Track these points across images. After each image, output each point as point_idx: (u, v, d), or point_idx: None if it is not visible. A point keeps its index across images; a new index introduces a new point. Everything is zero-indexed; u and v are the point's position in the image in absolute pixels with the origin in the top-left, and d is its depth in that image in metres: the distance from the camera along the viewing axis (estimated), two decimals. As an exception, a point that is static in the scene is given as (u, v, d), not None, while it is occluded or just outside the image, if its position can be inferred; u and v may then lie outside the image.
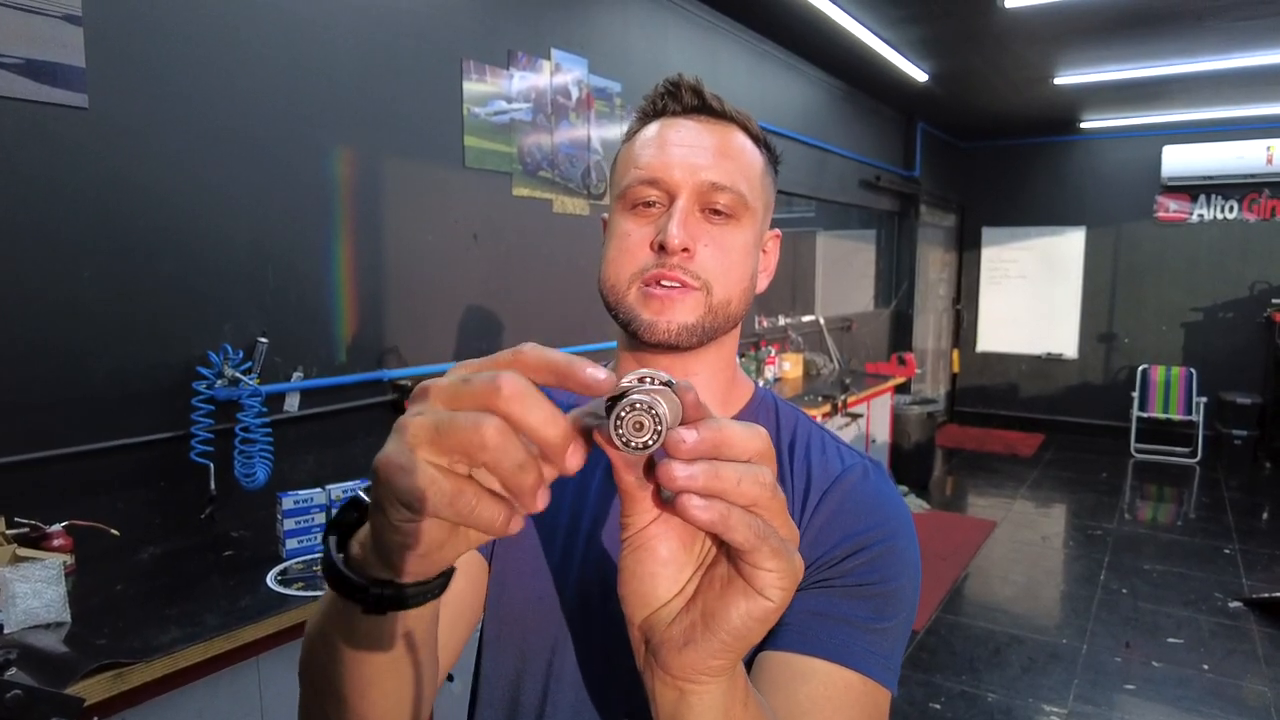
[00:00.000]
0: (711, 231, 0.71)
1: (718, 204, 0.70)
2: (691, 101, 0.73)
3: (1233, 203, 7.03)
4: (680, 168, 0.70)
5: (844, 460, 0.75)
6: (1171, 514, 5.60)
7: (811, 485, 0.72)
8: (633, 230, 0.72)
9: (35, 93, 1.68)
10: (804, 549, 0.66)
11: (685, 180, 0.70)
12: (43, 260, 1.72)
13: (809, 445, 0.76)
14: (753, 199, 0.73)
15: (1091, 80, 5.51)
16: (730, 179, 0.70)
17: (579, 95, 3.19)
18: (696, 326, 0.70)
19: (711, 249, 0.70)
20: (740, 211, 0.71)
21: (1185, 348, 7.34)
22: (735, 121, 0.74)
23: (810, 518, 0.70)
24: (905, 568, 0.69)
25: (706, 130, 0.72)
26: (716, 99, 0.74)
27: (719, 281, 0.71)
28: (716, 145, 0.71)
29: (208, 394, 1.95)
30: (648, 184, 0.71)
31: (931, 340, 8.02)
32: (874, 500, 0.71)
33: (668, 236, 0.68)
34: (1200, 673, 3.24)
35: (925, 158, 7.18)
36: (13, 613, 1.43)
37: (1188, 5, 4.00)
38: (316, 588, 1.67)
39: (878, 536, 0.68)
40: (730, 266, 0.71)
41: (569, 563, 0.73)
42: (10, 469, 1.68)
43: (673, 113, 0.74)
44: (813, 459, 0.74)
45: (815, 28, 4.31)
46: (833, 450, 0.76)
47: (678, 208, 0.69)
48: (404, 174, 2.52)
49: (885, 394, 5.08)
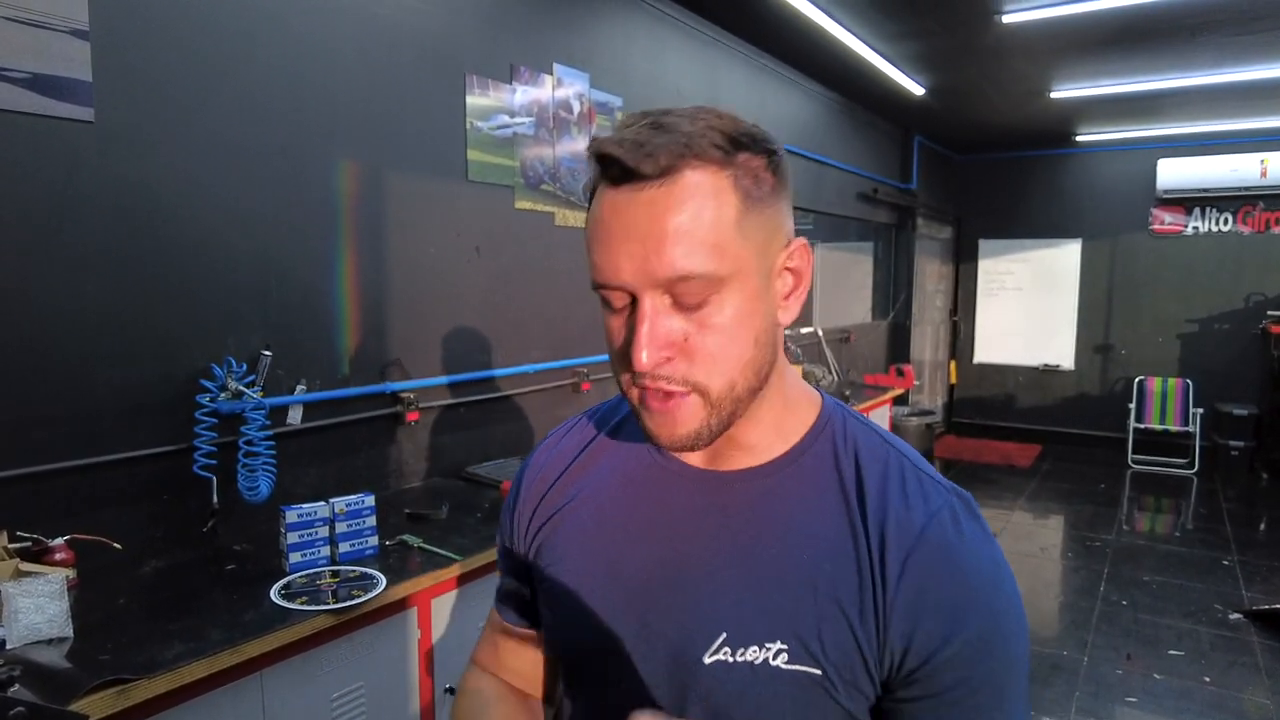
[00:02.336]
0: (688, 324, 0.61)
1: (685, 298, 0.60)
2: (621, 170, 0.59)
3: (1227, 215, 7.08)
4: (628, 268, 0.59)
5: (928, 504, 0.65)
6: (1170, 525, 5.61)
7: (888, 547, 0.63)
8: (613, 327, 0.64)
9: (42, 106, 1.68)
10: (894, 625, 0.62)
11: (640, 282, 0.60)
12: (47, 273, 1.72)
13: (884, 488, 0.66)
14: (731, 264, 0.60)
15: (1087, 94, 5.55)
16: (688, 262, 0.58)
17: (581, 109, 3.21)
18: (701, 432, 0.63)
19: (696, 339, 0.61)
20: (715, 288, 0.60)
21: (1182, 359, 7.37)
22: (682, 166, 0.59)
23: (896, 588, 0.63)
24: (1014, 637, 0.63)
25: (649, 205, 0.59)
26: (647, 155, 0.58)
27: (713, 373, 0.62)
28: (660, 225, 0.58)
29: (211, 407, 1.94)
30: (608, 289, 0.62)
31: (929, 352, 8.03)
32: (971, 565, 0.63)
33: (634, 356, 0.60)
34: (1201, 685, 3.24)
35: (922, 171, 7.22)
36: (15, 628, 1.42)
37: (1183, 21, 4.04)
38: (319, 601, 1.66)
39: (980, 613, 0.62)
40: (721, 352, 0.61)
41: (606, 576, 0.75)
42: (12, 483, 1.67)
43: (612, 179, 0.61)
44: (889, 509, 0.65)
45: (813, 42, 4.34)
46: (914, 488, 0.66)
47: (641, 317, 0.60)
48: (407, 187, 2.52)
49: (884, 405, 5.09)
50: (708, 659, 0.65)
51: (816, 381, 5.13)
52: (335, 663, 1.70)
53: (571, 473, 0.80)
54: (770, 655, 0.64)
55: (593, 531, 0.75)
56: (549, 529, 0.79)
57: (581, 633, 0.74)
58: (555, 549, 0.78)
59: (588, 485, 0.78)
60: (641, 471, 0.75)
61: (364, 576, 1.81)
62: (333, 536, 1.91)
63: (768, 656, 0.64)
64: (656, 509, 0.72)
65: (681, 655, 0.67)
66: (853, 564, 0.64)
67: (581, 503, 0.77)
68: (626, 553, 0.72)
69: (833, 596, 0.64)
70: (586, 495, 0.77)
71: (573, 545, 0.76)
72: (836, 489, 0.68)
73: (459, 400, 2.75)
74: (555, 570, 0.77)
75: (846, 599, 0.64)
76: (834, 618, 0.64)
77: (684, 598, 0.68)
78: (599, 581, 0.73)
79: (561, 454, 0.83)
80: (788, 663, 0.64)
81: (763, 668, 0.64)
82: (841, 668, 0.63)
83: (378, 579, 1.79)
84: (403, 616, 1.82)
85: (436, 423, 2.68)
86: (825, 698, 0.64)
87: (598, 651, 0.72)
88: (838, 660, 0.63)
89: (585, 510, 0.76)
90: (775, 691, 0.64)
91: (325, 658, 1.67)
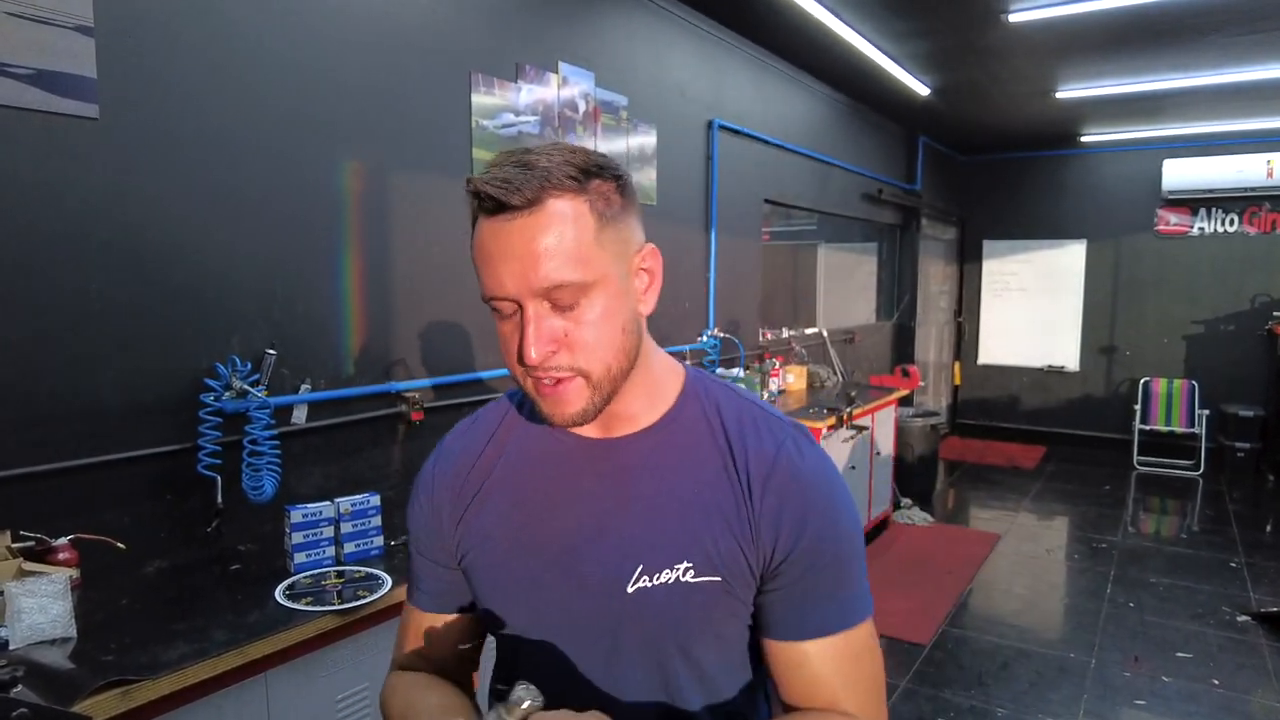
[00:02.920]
0: (566, 321, 0.73)
1: (560, 301, 0.72)
2: (493, 204, 0.71)
3: (1233, 216, 7.06)
4: (513, 283, 0.72)
5: (775, 437, 0.82)
6: (1176, 527, 5.58)
7: (752, 474, 0.80)
8: (504, 332, 0.76)
9: (46, 103, 1.67)
10: (763, 532, 0.80)
11: (521, 292, 0.72)
12: (50, 271, 1.71)
13: (742, 429, 0.83)
14: (591, 272, 0.72)
15: (1093, 94, 5.53)
16: (559, 274, 0.71)
17: (586, 108, 3.20)
18: (589, 408, 0.77)
19: (575, 334, 0.74)
20: (584, 292, 0.73)
21: (1187, 360, 7.34)
22: (544, 197, 0.71)
23: (760, 506, 0.79)
24: (846, 521, 0.82)
25: (521, 230, 0.71)
26: (514, 189, 0.70)
27: (592, 360, 0.75)
28: (532, 247, 0.70)
29: (215, 406, 1.93)
30: (498, 300, 0.74)
31: (933, 353, 8.02)
32: (811, 480, 0.81)
33: (525, 353, 0.72)
34: (1210, 688, 3.22)
35: (926, 171, 7.21)
36: (18, 628, 1.41)
37: (1188, 20, 4.02)
38: (324, 602, 1.65)
39: (819, 510, 0.80)
40: (596, 341, 0.74)
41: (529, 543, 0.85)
42: (16, 482, 1.66)
43: (488, 210, 0.72)
44: (748, 445, 0.82)
45: (819, 42, 4.33)
46: (764, 427, 0.83)
47: (527, 321, 0.72)
48: (412, 186, 2.51)
49: (889, 406, 5.07)
50: (630, 588, 0.80)
51: (821, 382, 5.12)
52: (340, 664, 1.68)
53: (485, 459, 0.90)
54: (680, 573, 0.79)
55: (510, 510, 0.86)
56: (471, 513, 0.88)
57: (516, 604, 0.85)
58: (480, 531, 0.87)
59: (499, 468, 0.88)
60: (544, 449, 0.87)
61: (369, 577, 1.80)
62: (338, 537, 1.90)
63: (679, 575, 0.79)
64: (563, 479, 0.84)
65: (609, 592, 0.80)
66: (729, 490, 0.81)
67: (496, 485, 0.88)
68: (546, 522, 0.83)
69: (720, 517, 0.80)
70: (500, 477, 0.88)
71: (495, 526, 0.86)
72: (709, 437, 0.83)
73: (463, 400, 2.74)
74: (482, 551, 0.87)
75: (730, 517, 0.80)
76: (722, 534, 0.79)
77: (603, 546, 0.81)
78: (525, 554, 0.84)
79: (471, 444, 0.91)
80: (695, 576, 0.79)
81: (676, 585, 0.79)
82: (734, 572, 0.80)
83: (383, 579, 1.78)
84: (408, 617, 1.81)
85: (441, 422, 2.66)
86: (727, 598, 0.80)
87: (534, 618, 0.84)
88: (730, 566, 0.79)
89: (501, 491, 0.87)
90: (689, 600, 0.79)
91: (330, 659, 1.66)
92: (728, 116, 4.25)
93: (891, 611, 3.91)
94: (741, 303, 4.58)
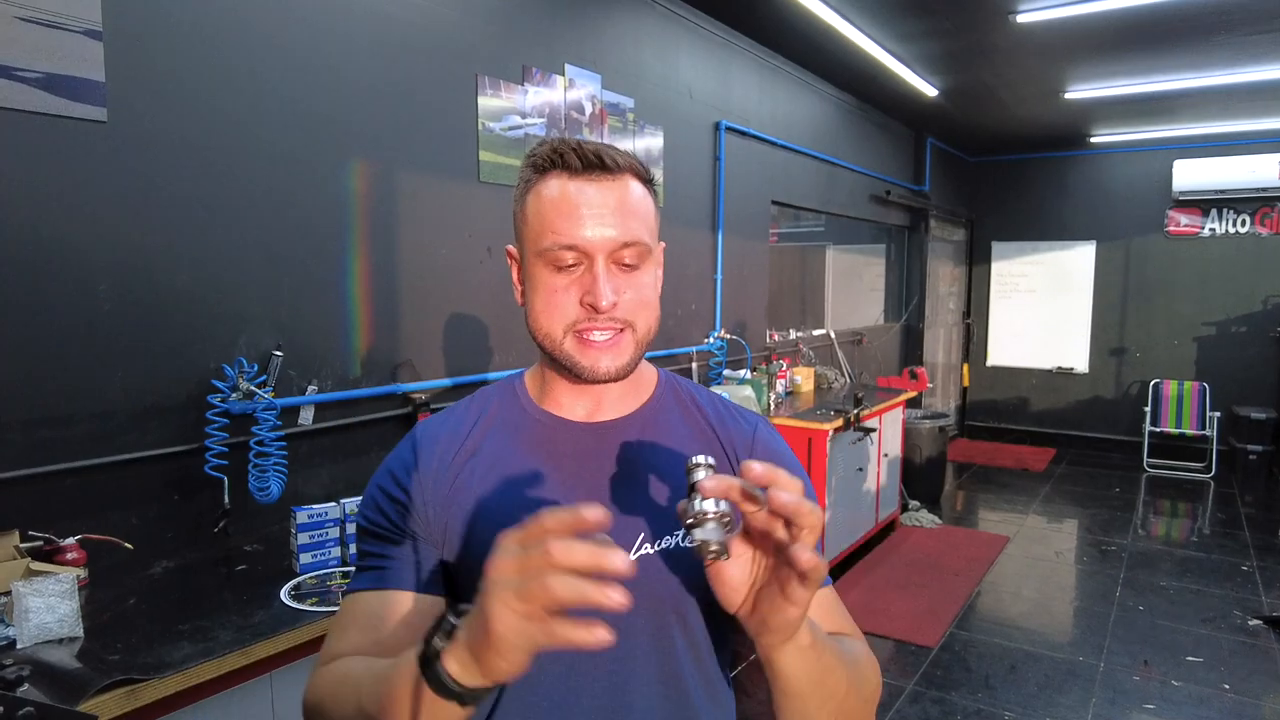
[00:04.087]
0: (628, 280, 0.82)
1: (628, 259, 0.81)
2: (594, 161, 0.80)
3: (1244, 217, 7.00)
4: (594, 232, 0.79)
5: (750, 420, 0.94)
6: (1187, 530, 5.54)
7: (737, 447, 0.91)
8: (558, 286, 0.81)
9: (55, 106, 1.69)
10: None
11: (600, 245, 0.79)
12: (59, 273, 1.72)
13: (719, 414, 0.93)
14: (652, 242, 0.84)
15: (1102, 95, 5.50)
16: (635, 235, 0.80)
17: (593, 110, 3.20)
18: (628, 365, 0.83)
19: (630, 293, 0.82)
20: (645, 257, 0.82)
21: (1198, 362, 7.29)
22: (627, 171, 0.82)
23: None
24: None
25: (607, 190, 0.80)
26: (610, 156, 0.81)
27: (640, 319, 0.83)
28: (619, 205, 0.80)
29: (222, 407, 1.94)
30: (567, 249, 0.79)
31: (941, 354, 7.98)
32: (786, 453, 0.93)
33: (597, 298, 0.79)
34: (1221, 693, 3.19)
35: (935, 172, 7.18)
36: (26, 628, 1.42)
37: (1198, 20, 4.00)
38: (329, 603, 1.65)
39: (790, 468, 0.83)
40: (645, 304, 0.83)
41: None
42: (25, 482, 1.67)
43: (573, 170, 0.80)
44: (729, 425, 0.92)
45: (826, 43, 4.32)
46: (736, 413, 0.95)
47: (599, 271, 0.79)
48: (418, 188, 2.52)
49: (897, 408, 5.05)
50: (633, 556, 0.83)
51: (829, 384, 5.10)
52: (345, 664, 1.68)
53: (471, 441, 0.89)
54: (679, 539, 0.84)
55: (503, 489, 0.85)
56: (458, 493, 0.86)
57: None
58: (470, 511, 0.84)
59: (486, 449, 0.88)
60: (533, 434, 0.89)
61: (374, 578, 1.80)
62: (343, 537, 1.91)
63: (677, 540, 0.84)
64: (555, 462, 0.86)
65: None
66: (719, 459, 0.88)
67: (484, 465, 0.87)
68: (544, 499, 0.84)
69: None
70: (489, 458, 0.87)
71: (488, 504, 0.84)
72: (693, 420, 0.92)
73: (470, 401, 2.74)
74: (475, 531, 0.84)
75: None
76: None
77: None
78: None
79: (457, 428, 0.90)
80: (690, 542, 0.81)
81: (675, 550, 0.84)
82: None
83: (388, 580, 1.78)
84: (413, 618, 1.81)
85: (447, 424, 2.66)
86: None
87: None
88: None
89: (491, 471, 0.86)
90: (689, 564, 0.83)
91: (335, 659, 1.66)
92: (735, 118, 4.24)
93: (899, 614, 3.89)
94: (749, 304, 4.58)
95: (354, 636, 0.84)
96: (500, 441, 0.89)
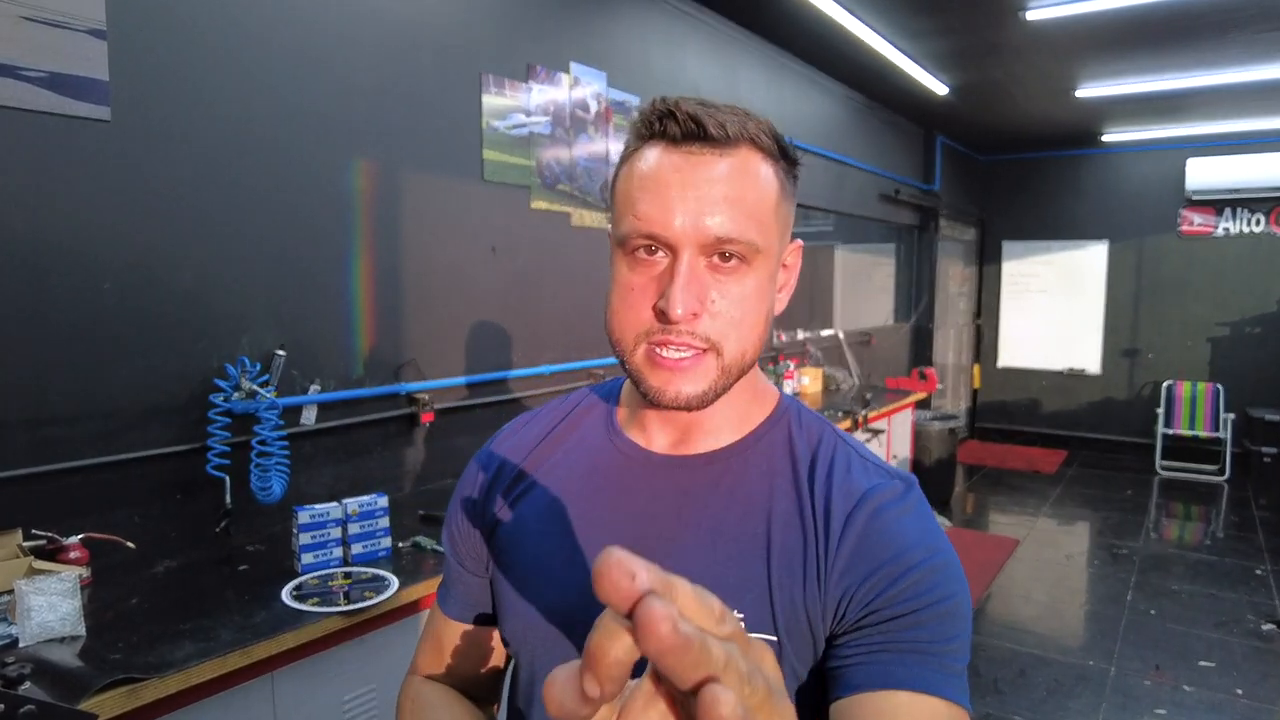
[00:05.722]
0: (720, 284, 0.65)
1: (721, 259, 0.64)
2: (690, 128, 0.64)
3: (1259, 216, 6.93)
4: (682, 221, 0.62)
5: (870, 479, 0.69)
6: (1199, 533, 5.48)
7: (832, 511, 0.67)
8: (634, 284, 0.66)
9: (59, 106, 1.69)
10: (834, 580, 0.66)
11: (688, 236, 0.63)
12: (63, 272, 1.72)
13: (831, 465, 0.70)
14: (766, 241, 0.65)
15: (1114, 93, 5.45)
16: (739, 229, 0.63)
17: (598, 109, 3.19)
18: (707, 393, 0.66)
19: (720, 304, 0.65)
20: (752, 257, 0.65)
21: (1212, 363, 7.21)
22: (741, 142, 0.65)
23: (837, 546, 0.66)
24: (957, 582, 0.65)
25: (709, 167, 0.63)
26: (717, 122, 0.63)
27: (730, 339, 0.66)
28: (721, 188, 0.63)
29: (225, 407, 1.94)
30: (645, 239, 0.64)
31: (952, 355, 7.93)
32: (906, 521, 0.67)
33: (670, 305, 0.62)
34: (1233, 698, 3.15)
35: (945, 171, 7.14)
36: (28, 626, 1.42)
37: (1211, 17, 3.95)
38: (331, 603, 1.65)
39: (920, 556, 0.64)
40: (742, 319, 0.66)
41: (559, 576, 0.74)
42: (28, 481, 1.68)
43: (672, 138, 0.65)
44: (834, 481, 0.69)
45: (835, 41, 4.29)
46: (859, 469, 0.70)
47: (681, 269, 0.63)
48: (422, 187, 2.52)
49: (906, 409, 5.02)
50: None
51: (837, 385, 5.07)
52: (347, 665, 1.68)
53: (530, 462, 0.81)
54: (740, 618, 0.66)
55: (551, 522, 0.76)
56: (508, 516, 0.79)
57: (538, 632, 0.74)
58: (513, 538, 0.78)
59: (546, 476, 0.79)
60: (603, 462, 0.77)
61: (376, 578, 1.80)
62: (345, 538, 1.90)
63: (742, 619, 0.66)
64: (619, 496, 0.74)
65: None
66: (799, 531, 0.68)
67: (540, 493, 0.78)
68: (590, 539, 0.73)
69: (784, 564, 0.67)
70: (545, 486, 0.78)
71: (530, 535, 0.77)
72: (789, 469, 0.71)
73: (473, 401, 2.74)
74: (514, 560, 0.77)
75: (795, 564, 0.67)
76: (785, 584, 0.66)
77: None
78: (560, 570, 0.73)
79: (527, 437, 0.83)
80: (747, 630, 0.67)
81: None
82: (792, 631, 0.66)
83: (390, 581, 1.77)
84: (415, 619, 1.80)
85: (451, 424, 2.66)
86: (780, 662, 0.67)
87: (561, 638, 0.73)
88: (788, 623, 0.66)
89: (543, 500, 0.77)
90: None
91: (337, 660, 1.66)
92: (742, 117, 4.22)
93: (907, 616, 3.86)
94: (756, 304, 4.54)
95: (427, 652, 0.89)
96: (566, 468, 0.78)
